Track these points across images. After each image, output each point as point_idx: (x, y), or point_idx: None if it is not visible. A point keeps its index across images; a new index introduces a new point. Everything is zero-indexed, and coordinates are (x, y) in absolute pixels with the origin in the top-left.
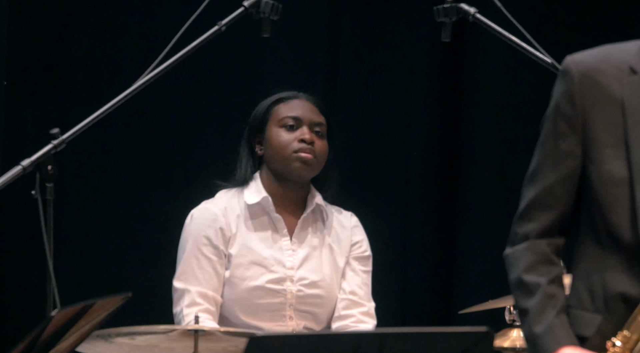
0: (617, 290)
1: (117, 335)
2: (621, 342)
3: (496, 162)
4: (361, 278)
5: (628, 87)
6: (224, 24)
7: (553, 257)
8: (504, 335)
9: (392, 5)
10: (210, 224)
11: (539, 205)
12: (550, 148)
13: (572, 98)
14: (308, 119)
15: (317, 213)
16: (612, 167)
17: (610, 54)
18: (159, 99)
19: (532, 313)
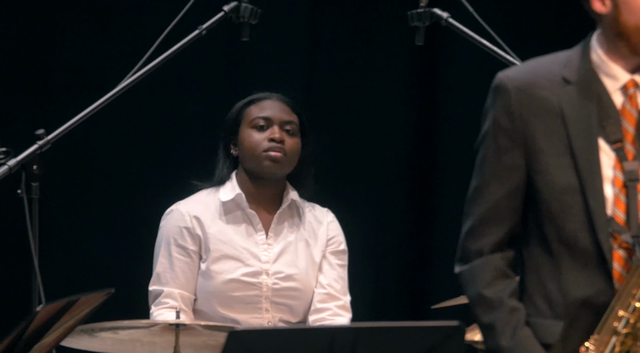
0: (577, 295)
1: (101, 330)
2: (593, 345)
3: (469, 159)
4: (337, 272)
5: (564, 97)
6: (204, 27)
7: (508, 270)
8: (475, 329)
9: (368, 10)
10: (177, 225)
11: (488, 221)
12: (493, 164)
13: (510, 113)
14: (278, 118)
15: (293, 209)
16: (559, 176)
17: (541, 67)
18: (142, 100)
19: (498, 327)
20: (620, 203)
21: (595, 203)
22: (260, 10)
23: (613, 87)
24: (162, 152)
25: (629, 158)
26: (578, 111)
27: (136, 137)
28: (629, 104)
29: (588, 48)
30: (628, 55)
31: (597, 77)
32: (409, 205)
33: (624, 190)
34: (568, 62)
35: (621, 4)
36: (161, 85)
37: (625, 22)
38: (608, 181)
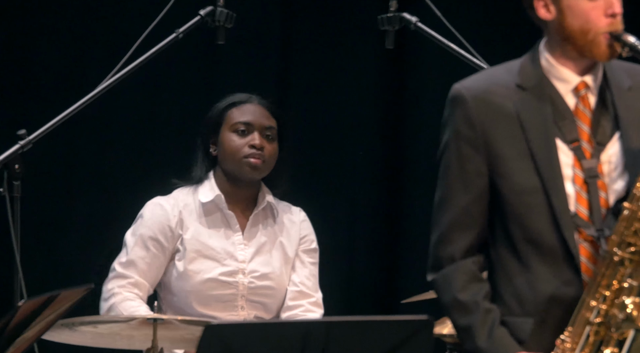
0: (546, 291)
1: (81, 324)
2: (568, 338)
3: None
4: (309, 270)
5: (520, 103)
6: (181, 31)
7: (479, 274)
8: (443, 322)
9: (340, 14)
10: (161, 221)
11: (457, 227)
12: (457, 172)
13: (470, 121)
14: (259, 123)
15: (268, 210)
16: (521, 178)
17: (495, 76)
18: (121, 101)
19: (475, 329)
20: (583, 199)
21: (559, 202)
22: (235, 14)
23: (565, 89)
24: (140, 152)
25: (586, 156)
26: (534, 115)
27: (115, 137)
28: (582, 104)
29: (537, 54)
30: (576, 58)
31: (548, 81)
32: (379, 203)
33: (584, 186)
34: (520, 70)
35: (565, 9)
36: (139, 87)
37: (570, 26)
38: (568, 179)
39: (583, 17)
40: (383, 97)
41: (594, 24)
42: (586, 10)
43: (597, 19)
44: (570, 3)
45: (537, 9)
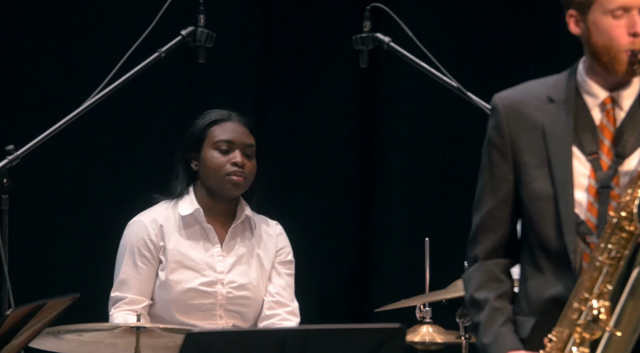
0: (549, 293)
1: (66, 332)
2: (555, 337)
3: (408, 174)
4: (285, 281)
5: (547, 113)
6: (163, 50)
7: (501, 275)
8: (415, 330)
9: (316, 34)
10: (141, 235)
11: (483, 229)
12: (487, 176)
13: (500, 130)
14: (240, 142)
15: (246, 223)
16: (538, 185)
17: (531, 88)
18: (105, 118)
19: (482, 325)
20: (593, 208)
21: (565, 208)
22: (215, 34)
23: (593, 103)
24: (123, 167)
25: (603, 168)
26: (558, 126)
27: (99, 152)
28: (606, 119)
29: (575, 70)
30: (603, 74)
31: (580, 95)
32: (352, 216)
33: (597, 196)
34: (555, 84)
35: (591, 25)
36: (123, 104)
37: (595, 42)
38: (582, 189)
39: (606, 34)
40: (357, 114)
41: (617, 41)
42: (610, 28)
43: (620, 36)
44: (596, 20)
45: (569, 24)
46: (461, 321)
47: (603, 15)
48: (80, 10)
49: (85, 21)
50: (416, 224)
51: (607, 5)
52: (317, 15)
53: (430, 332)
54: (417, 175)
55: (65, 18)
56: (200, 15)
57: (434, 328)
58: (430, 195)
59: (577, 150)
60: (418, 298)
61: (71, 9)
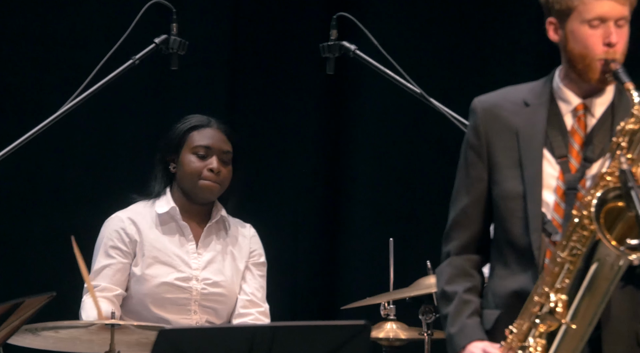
0: (512, 287)
1: (43, 329)
2: (516, 328)
3: (373, 176)
4: (258, 282)
5: (522, 117)
6: (137, 58)
7: (471, 270)
8: (380, 327)
9: (285, 42)
10: (116, 228)
11: (456, 226)
12: (463, 175)
13: (477, 131)
14: (218, 148)
15: (221, 223)
16: (509, 185)
17: (509, 92)
18: (81, 123)
19: (450, 317)
20: (560, 209)
21: (532, 207)
22: (187, 42)
23: (566, 109)
24: (97, 170)
25: (571, 171)
26: (530, 129)
27: (75, 156)
28: (577, 124)
29: (551, 77)
30: (578, 81)
31: (554, 100)
32: (320, 216)
33: (563, 197)
34: (532, 89)
35: (568, 33)
36: (98, 110)
37: (572, 49)
38: (550, 190)
39: (583, 42)
40: (324, 119)
41: (592, 50)
42: (586, 37)
43: (595, 45)
44: (574, 28)
45: (548, 31)
46: (424, 318)
47: (580, 24)
48: (57, 19)
49: (62, 29)
50: (381, 225)
51: (585, 15)
52: (285, 24)
53: (394, 328)
54: (381, 178)
55: (42, 26)
56: (173, 24)
57: (398, 325)
58: (395, 197)
59: (547, 152)
60: (382, 296)
61: (48, 17)
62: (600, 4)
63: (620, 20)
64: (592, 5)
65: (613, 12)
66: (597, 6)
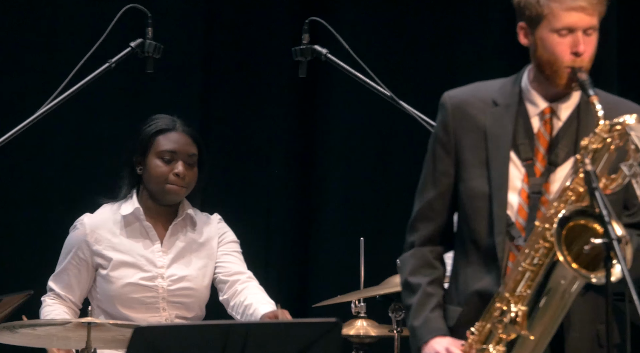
0: (474, 287)
1: (21, 327)
2: (477, 330)
3: (344, 177)
4: (235, 257)
5: (490, 116)
6: (113, 61)
7: (434, 262)
8: (350, 325)
9: (258, 46)
10: (79, 239)
11: (421, 218)
12: (430, 169)
13: (446, 127)
14: (184, 152)
15: (187, 220)
16: (476, 184)
17: (479, 90)
18: (58, 125)
19: (413, 309)
20: (524, 212)
21: (498, 209)
22: (162, 46)
23: (533, 112)
24: (74, 171)
25: (536, 174)
26: (498, 129)
27: (52, 157)
28: (544, 128)
29: (520, 77)
30: (546, 84)
31: (522, 102)
32: (292, 216)
33: (527, 201)
34: (501, 87)
35: (538, 39)
36: (75, 112)
37: (541, 55)
38: (516, 192)
39: (551, 50)
40: (296, 121)
41: (560, 57)
42: (555, 45)
43: (563, 53)
44: (543, 36)
45: (519, 35)
46: (394, 315)
47: (550, 32)
48: (35, 22)
49: (40, 33)
50: (351, 225)
51: (555, 24)
52: (258, 28)
53: (365, 325)
54: (352, 178)
55: (19, 29)
56: (148, 28)
57: (368, 322)
58: (365, 197)
59: (514, 155)
60: (353, 294)
61: (25, 21)
62: (569, 14)
63: (589, 30)
64: (561, 15)
65: (581, 22)
66: (566, 16)
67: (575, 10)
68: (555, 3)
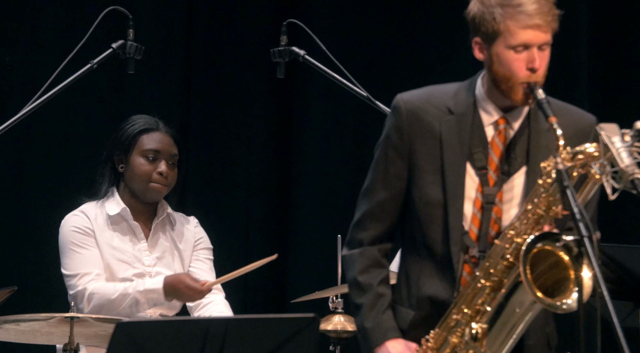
0: (427, 292)
1: (4, 322)
2: (432, 339)
3: (321, 176)
4: (207, 264)
5: (445, 125)
6: (95, 62)
7: (383, 260)
8: (328, 320)
9: (237, 47)
10: (76, 226)
11: (371, 217)
12: (381, 171)
13: (401, 132)
14: (167, 152)
15: (167, 220)
16: (430, 191)
17: (433, 95)
18: (41, 124)
19: (364, 309)
20: (477, 220)
21: (454, 219)
22: (143, 47)
23: (487, 121)
24: (55, 170)
25: (490, 184)
26: (453, 138)
27: (35, 156)
28: (498, 137)
29: (474, 84)
30: (500, 97)
31: (477, 110)
32: (270, 214)
33: (481, 210)
34: (456, 94)
35: (494, 55)
36: (58, 112)
37: (496, 71)
38: (470, 201)
39: (507, 66)
40: (274, 121)
41: (516, 73)
42: (511, 61)
43: (519, 70)
44: (499, 52)
45: (474, 49)
46: None
47: (506, 49)
48: (18, 24)
49: (23, 34)
50: (329, 223)
51: (511, 41)
52: (237, 30)
53: (342, 321)
54: (329, 177)
55: (3, 30)
56: (129, 29)
57: (345, 317)
58: (342, 196)
59: (468, 164)
60: (331, 290)
61: (8, 22)
62: (524, 32)
63: (543, 46)
64: (517, 33)
65: (536, 39)
66: (522, 34)
67: (531, 28)
68: (511, 21)
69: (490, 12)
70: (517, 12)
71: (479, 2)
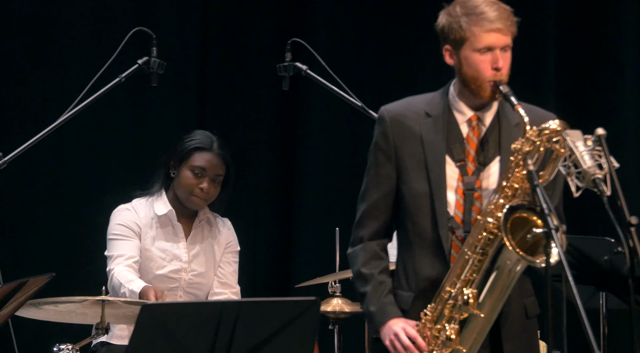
0: (424, 274)
1: (45, 304)
2: (429, 312)
3: (322, 175)
4: (232, 268)
5: (424, 126)
6: (123, 76)
7: (381, 253)
8: (327, 302)
9: (247, 63)
10: (127, 217)
11: (368, 216)
12: (373, 174)
13: (386, 137)
14: (213, 172)
15: (205, 222)
16: (417, 185)
17: (411, 103)
18: (76, 131)
19: (368, 296)
20: (460, 206)
21: (439, 206)
22: (165, 63)
23: (461, 120)
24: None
25: (469, 173)
26: (433, 137)
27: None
28: (472, 133)
29: (447, 89)
30: (471, 97)
31: (450, 111)
32: (277, 209)
33: (463, 197)
34: (431, 100)
35: (462, 59)
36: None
37: (465, 73)
38: (452, 190)
39: (474, 67)
40: (281, 127)
41: (482, 73)
42: (477, 62)
43: (485, 70)
44: (466, 55)
45: (445, 56)
46: None
47: (472, 52)
48: (53, 42)
49: (57, 51)
50: (329, 218)
51: (476, 44)
52: (248, 47)
53: (340, 303)
54: (328, 176)
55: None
56: (153, 47)
57: (343, 300)
58: (341, 193)
59: (448, 157)
60: (330, 276)
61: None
62: (488, 35)
63: (505, 47)
64: (481, 37)
65: (498, 42)
66: (485, 37)
67: (493, 31)
68: (475, 27)
69: (457, 21)
70: (481, 19)
71: (446, 14)
